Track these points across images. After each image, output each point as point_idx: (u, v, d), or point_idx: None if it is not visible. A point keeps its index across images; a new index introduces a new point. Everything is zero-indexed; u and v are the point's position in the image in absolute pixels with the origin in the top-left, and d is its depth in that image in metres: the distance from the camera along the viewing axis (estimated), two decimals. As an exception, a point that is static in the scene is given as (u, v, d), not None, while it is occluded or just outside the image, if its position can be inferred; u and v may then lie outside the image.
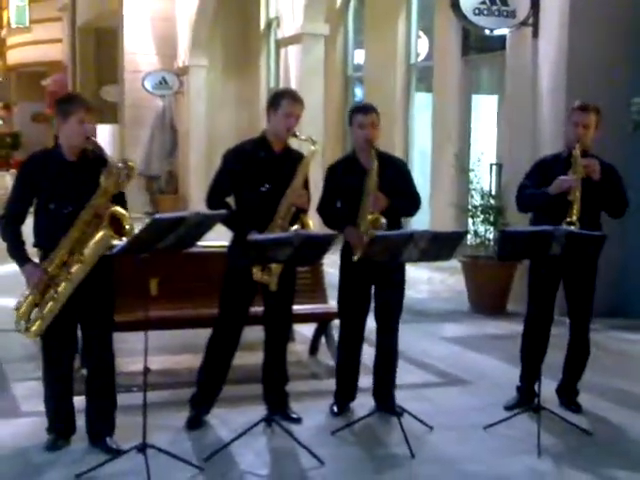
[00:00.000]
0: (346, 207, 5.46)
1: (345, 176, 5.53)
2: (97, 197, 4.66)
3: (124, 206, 4.82)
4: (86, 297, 4.78)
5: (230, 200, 5.35)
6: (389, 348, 5.58)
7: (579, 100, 5.85)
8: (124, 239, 4.55)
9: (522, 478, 4.72)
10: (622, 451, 5.16)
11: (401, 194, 5.52)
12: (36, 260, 4.79)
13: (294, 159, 5.30)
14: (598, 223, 5.68)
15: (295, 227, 5.13)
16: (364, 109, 5.61)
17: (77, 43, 25.86)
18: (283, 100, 5.29)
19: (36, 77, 34.33)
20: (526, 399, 5.71)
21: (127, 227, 4.62)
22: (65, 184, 4.74)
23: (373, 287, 5.54)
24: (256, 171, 5.26)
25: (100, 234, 4.61)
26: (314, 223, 5.34)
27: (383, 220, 5.31)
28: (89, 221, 4.65)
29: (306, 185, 5.37)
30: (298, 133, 5.32)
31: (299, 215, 5.24)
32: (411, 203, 5.66)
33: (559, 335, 5.85)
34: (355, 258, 5.31)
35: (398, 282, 5.55)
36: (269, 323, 5.41)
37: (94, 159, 4.79)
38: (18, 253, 4.76)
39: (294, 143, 5.48)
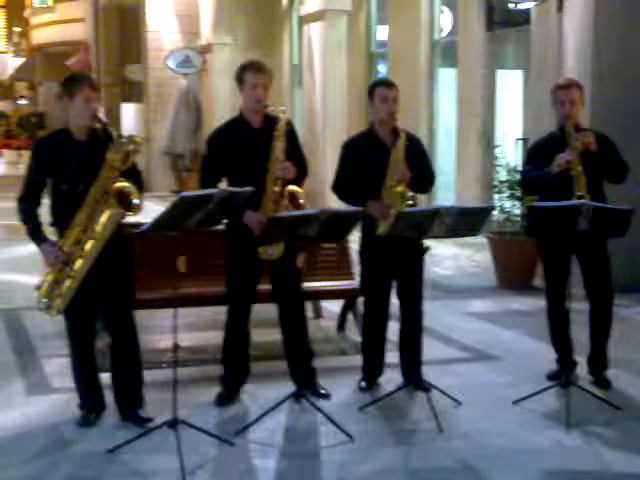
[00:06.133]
0: (365, 182, 5.44)
1: (365, 152, 5.50)
2: (103, 173, 4.69)
3: (138, 181, 4.84)
4: (104, 275, 4.82)
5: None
6: (414, 324, 5.57)
7: (562, 79, 5.86)
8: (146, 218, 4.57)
9: (551, 453, 4.73)
10: (651, 426, 5.16)
11: (418, 170, 5.51)
12: (53, 239, 4.83)
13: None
14: (603, 193, 5.68)
15: (285, 202, 5.12)
16: (387, 83, 5.59)
17: (100, 22, 25.90)
18: (247, 73, 5.25)
19: (60, 57, 34.41)
20: (566, 369, 5.67)
21: (135, 202, 4.64)
22: (76, 164, 4.77)
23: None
24: (239, 150, 5.23)
25: (108, 211, 4.65)
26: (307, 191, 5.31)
27: (410, 193, 5.30)
28: (99, 198, 4.68)
29: (297, 154, 5.35)
30: (269, 104, 5.27)
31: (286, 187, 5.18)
32: (429, 179, 5.66)
33: (586, 311, 5.83)
34: (379, 232, 5.31)
35: (418, 257, 5.52)
36: (280, 300, 5.42)
37: (105, 137, 4.79)
38: (35, 233, 4.83)
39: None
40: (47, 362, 6.22)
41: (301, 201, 5.13)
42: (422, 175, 5.52)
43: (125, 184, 4.68)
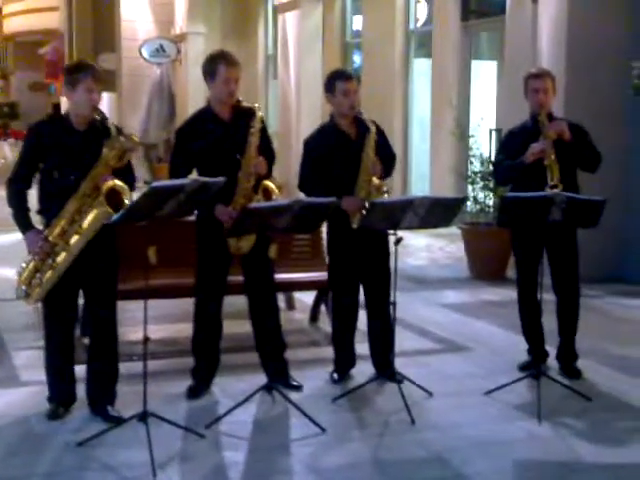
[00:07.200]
0: (332, 176, 5.40)
1: (330, 145, 5.46)
2: (97, 168, 4.63)
3: (131, 178, 4.81)
4: (89, 266, 4.77)
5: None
6: (383, 316, 5.56)
7: (534, 68, 5.89)
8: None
9: (522, 443, 4.73)
10: (622, 417, 5.17)
11: (385, 159, 5.51)
12: (39, 227, 4.78)
13: (248, 119, 5.19)
14: (576, 183, 5.71)
15: (258, 196, 5.10)
16: (347, 76, 5.52)
17: (74, 11, 25.72)
18: (219, 65, 5.20)
19: (33, 46, 34.16)
20: (537, 360, 5.69)
21: (127, 201, 4.57)
22: (71, 153, 4.72)
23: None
24: (208, 142, 5.18)
25: (96, 210, 4.58)
26: (281, 183, 5.29)
27: (385, 188, 5.30)
28: (89, 192, 4.62)
29: (267, 145, 5.31)
30: (241, 99, 5.24)
31: (260, 182, 5.16)
32: (393, 164, 5.68)
33: (554, 302, 5.86)
34: (355, 226, 5.28)
35: (386, 249, 5.51)
36: (251, 292, 5.39)
37: (102, 129, 4.72)
38: (22, 219, 4.77)
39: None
40: (16, 355, 6.16)
41: (274, 197, 5.09)
42: (388, 162, 5.54)
43: (117, 182, 4.61)
